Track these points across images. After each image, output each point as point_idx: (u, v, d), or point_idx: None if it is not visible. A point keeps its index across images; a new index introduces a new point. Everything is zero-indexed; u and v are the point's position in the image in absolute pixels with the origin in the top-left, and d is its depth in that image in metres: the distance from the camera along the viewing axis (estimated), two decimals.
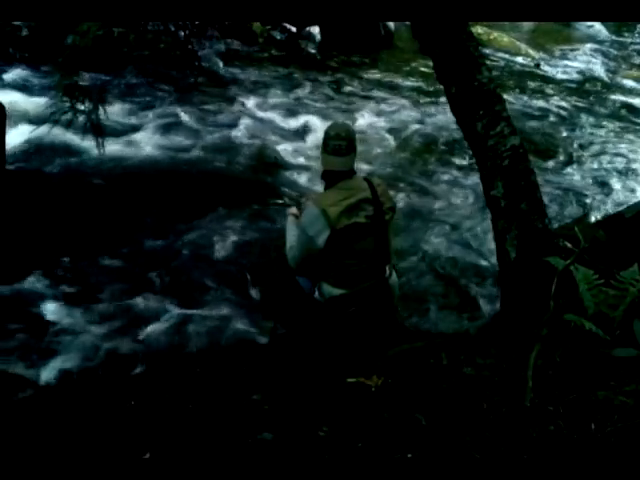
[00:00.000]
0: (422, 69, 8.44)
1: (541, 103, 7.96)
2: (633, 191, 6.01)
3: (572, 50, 10.35)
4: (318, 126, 6.48)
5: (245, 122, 6.61)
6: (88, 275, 4.22)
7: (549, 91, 8.45)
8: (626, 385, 2.24)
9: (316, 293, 3.15)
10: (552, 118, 7.53)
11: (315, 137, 6.30)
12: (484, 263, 4.67)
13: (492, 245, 3.61)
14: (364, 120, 6.82)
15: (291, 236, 3.20)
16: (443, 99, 4.15)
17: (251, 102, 7.07)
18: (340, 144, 3.01)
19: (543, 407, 2.15)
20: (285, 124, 6.68)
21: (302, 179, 5.64)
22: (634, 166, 6.52)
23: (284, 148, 6.16)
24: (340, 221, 2.95)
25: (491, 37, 10.03)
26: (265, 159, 5.95)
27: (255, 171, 5.73)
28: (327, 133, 3.09)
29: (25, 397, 3.20)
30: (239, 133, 6.35)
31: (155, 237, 4.68)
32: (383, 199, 3.09)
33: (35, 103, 6.13)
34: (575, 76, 9.19)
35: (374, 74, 8.37)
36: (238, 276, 4.37)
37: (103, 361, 3.54)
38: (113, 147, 5.66)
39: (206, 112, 6.70)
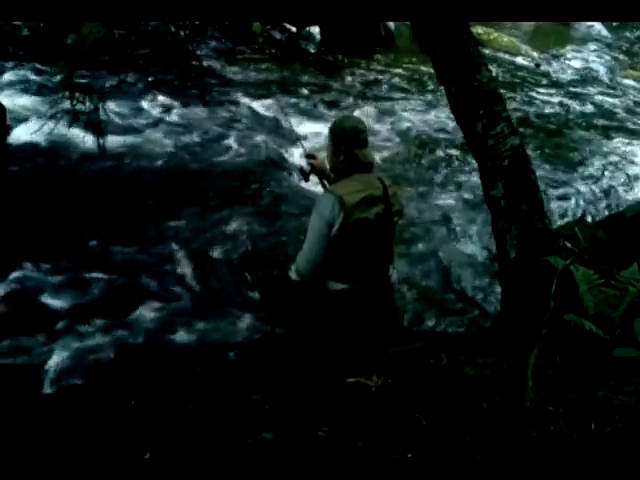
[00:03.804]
0: (422, 69, 8.45)
1: (541, 103, 7.97)
2: (633, 191, 6.02)
3: (572, 50, 10.37)
4: (317, 126, 6.48)
5: (245, 122, 6.62)
6: (87, 274, 4.22)
7: (549, 91, 8.46)
8: (626, 385, 2.24)
9: (317, 287, 3.14)
10: (552, 118, 7.54)
11: (314, 137, 6.31)
12: (484, 263, 4.67)
13: (492, 245, 3.62)
14: (364, 120, 6.82)
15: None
16: (443, 99, 4.16)
17: (251, 102, 7.07)
18: (367, 136, 3.04)
19: (543, 407, 2.15)
20: (285, 124, 6.68)
21: (300, 178, 5.64)
22: (634, 166, 6.52)
23: (284, 147, 6.16)
24: (353, 213, 2.94)
25: (491, 37, 10.06)
26: (264, 159, 5.95)
27: (254, 171, 5.74)
28: (354, 127, 3.05)
29: (25, 397, 3.19)
30: (239, 133, 6.36)
31: (154, 236, 4.68)
32: (393, 200, 3.09)
33: (35, 103, 6.14)
34: (575, 76, 9.20)
35: (374, 74, 8.38)
36: (237, 275, 4.38)
37: (102, 361, 3.54)
38: (113, 146, 5.67)
39: (206, 112, 6.71)
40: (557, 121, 7.48)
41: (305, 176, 3.45)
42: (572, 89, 8.62)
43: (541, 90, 8.46)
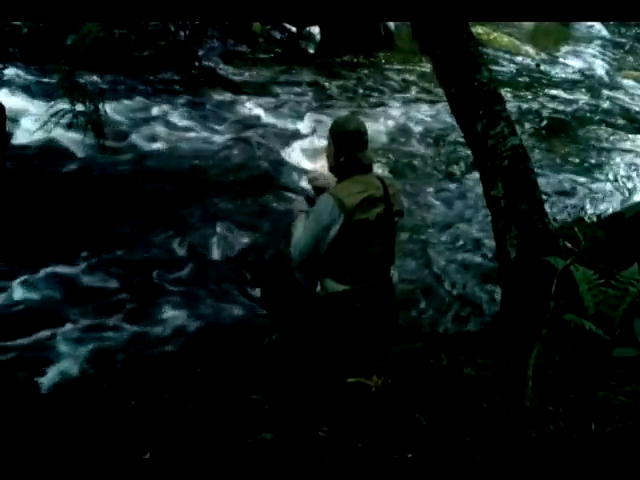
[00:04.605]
0: (422, 69, 8.45)
1: (541, 103, 7.97)
2: (633, 191, 6.02)
3: (572, 50, 10.37)
4: (317, 126, 6.48)
5: (245, 122, 6.61)
6: (87, 274, 4.22)
7: (549, 91, 8.46)
8: (626, 385, 2.24)
9: (318, 288, 3.14)
10: (552, 118, 7.53)
11: (314, 137, 6.31)
12: (484, 263, 4.67)
13: (492, 245, 3.61)
14: (364, 120, 6.82)
15: (300, 230, 3.14)
16: (443, 99, 4.16)
17: (251, 102, 7.07)
18: (367, 138, 3.04)
19: (543, 407, 2.15)
20: (285, 124, 6.68)
21: (301, 178, 5.64)
22: (634, 166, 6.52)
23: (283, 147, 6.16)
24: (354, 214, 2.93)
25: (491, 37, 10.06)
26: (264, 158, 5.95)
27: (254, 171, 5.73)
28: (356, 130, 3.03)
29: (25, 397, 3.19)
30: (239, 133, 6.35)
31: (153, 236, 4.68)
32: (393, 201, 3.08)
33: (35, 103, 6.13)
34: (575, 76, 9.19)
35: (374, 74, 8.38)
36: (237, 274, 4.38)
37: (102, 361, 3.54)
38: (113, 146, 5.67)
39: (206, 112, 6.71)
40: (557, 121, 7.47)
41: (312, 203, 3.37)
42: (572, 89, 8.61)
43: (541, 90, 8.46)
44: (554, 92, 8.42)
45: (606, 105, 8.13)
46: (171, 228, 4.79)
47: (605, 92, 8.61)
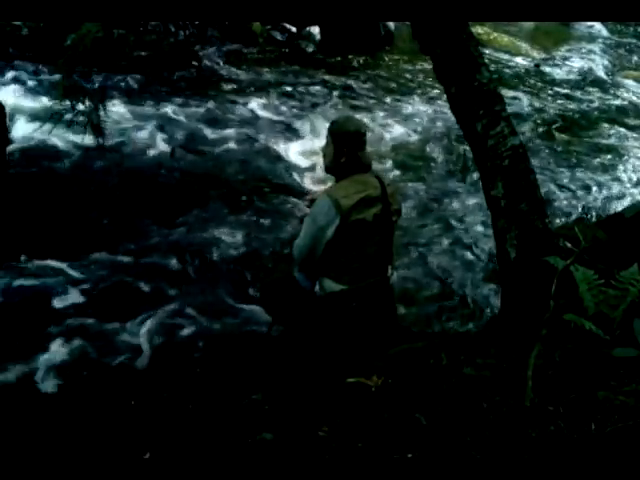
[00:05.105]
0: (422, 69, 8.45)
1: (541, 103, 7.97)
2: (633, 191, 6.02)
3: (572, 50, 10.36)
4: (318, 126, 6.48)
5: (245, 122, 6.61)
6: (86, 274, 4.22)
7: (549, 91, 8.46)
8: (626, 385, 2.24)
9: (316, 287, 3.15)
10: (552, 118, 7.54)
11: (314, 137, 6.30)
12: (484, 263, 4.67)
13: (492, 245, 3.62)
14: (364, 120, 6.82)
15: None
16: (443, 99, 4.16)
17: (251, 102, 7.07)
18: (366, 138, 3.04)
19: (543, 407, 2.15)
20: (285, 124, 6.68)
21: (301, 178, 5.65)
22: (634, 166, 6.52)
23: (284, 147, 6.17)
24: (351, 215, 2.94)
25: (491, 37, 10.06)
26: (265, 158, 5.95)
27: (255, 171, 5.73)
28: (356, 130, 3.03)
29: (24, 397, 3.19)
30: (239, 133, 6.36)
31: (153, 236, 4.68)
32: (391, 200, 3.08)
33: (35, 103, 6.14)
34: (575, 76, 9.19)
35: (374, 74, 8.38)
36: (237, 274, 4.38)
37: (102, 361, 3.54)
38: (113, 146, 5.66)
39: (206, 112, 6.71)
40: (557, 121, 7.48)
41: None
42: (572, 89, 8.62)
43: (541, 90, 8.46)
44: (554, 92, 8.43)
45: (606, 105, 8.14)
46: (169, 228, 4.80)
47: (605, 92, 8.61)
